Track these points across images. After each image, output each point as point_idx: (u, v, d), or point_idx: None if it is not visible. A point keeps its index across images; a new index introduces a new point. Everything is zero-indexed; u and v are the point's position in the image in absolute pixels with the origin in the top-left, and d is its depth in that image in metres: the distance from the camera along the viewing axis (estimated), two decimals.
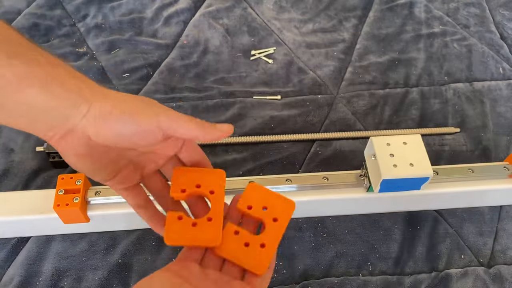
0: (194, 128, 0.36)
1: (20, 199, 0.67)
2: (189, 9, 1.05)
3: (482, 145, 0.85)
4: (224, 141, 0.82)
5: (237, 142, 0.82)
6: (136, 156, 0.40)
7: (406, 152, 0.63)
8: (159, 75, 0.93)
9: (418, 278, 0.69)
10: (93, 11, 1.03)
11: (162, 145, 0.40)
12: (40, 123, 0.33)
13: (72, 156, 0.36)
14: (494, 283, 0.68)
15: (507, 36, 1.05)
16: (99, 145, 0.36)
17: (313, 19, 1.06)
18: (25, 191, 0.72)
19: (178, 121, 0.36)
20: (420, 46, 1.01)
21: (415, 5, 1.09)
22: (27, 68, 0.31)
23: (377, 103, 0.91)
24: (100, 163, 0.38)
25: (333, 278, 0.68)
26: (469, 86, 0.94)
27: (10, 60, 0.31)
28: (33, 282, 0.67)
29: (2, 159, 0.79)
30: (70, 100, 0.33)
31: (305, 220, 0.74)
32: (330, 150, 0.83)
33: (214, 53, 0.98)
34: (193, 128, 0.36)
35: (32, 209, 0.66)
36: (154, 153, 0.41)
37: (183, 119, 0.36)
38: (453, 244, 0.73)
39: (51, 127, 0.34)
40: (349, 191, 0.69)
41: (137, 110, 0.35)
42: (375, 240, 0.73)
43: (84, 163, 0.37)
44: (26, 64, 0.31)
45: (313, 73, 0.95)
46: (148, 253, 0.70)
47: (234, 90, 0.91)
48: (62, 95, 0.32)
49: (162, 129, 0.36)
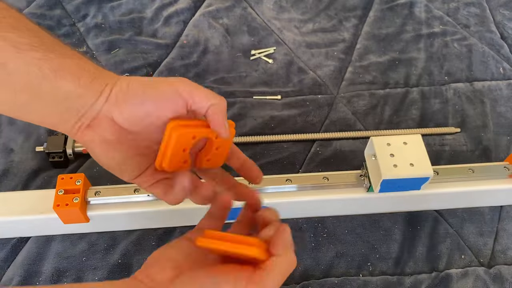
0: (210, 97, 0.37)
1: (20, 199, 0.67)
2: (189, 9, 1.05)
3: (482, 145, 0.85)
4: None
5: (236, 142, 0.82)
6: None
7: (406, 152, 0.63)
8: (159, 75, 0.93)
9: (418, 278, 0.68)
10: (93, 11, 1.03)
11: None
12: (71, 113, 0.35)
13: (100, 145, 0.37)
14: (495, 283, 0.68)
15: (508, 36, 1.04)
16: (125, 131, 0.36)
17: (313, 19, 1.06)
18: (25, 191, 0.72)
19: (195, 87, 0.37)
20: (420, 46, 1.01)
21: (415, 5, 1.09)
22: (61, 59, 0.34)
23: (377, 103, 0.91)
24: (127, 154, 0.37)
25: (333, 278, 0.68)
26: (469, 86, 0.94)
27: (48, 54, 0.33)
28: (33, 282, 0.67)
29: (2, 159, 0.79)
30: (95, 87, 0.35)
31: (305, 220, 0.74)
32: (330, 150, 0.83)
33: (214, 53, 0.98)
34: (209, 96, 0.37)
35: (32, 209, 0.66)
36: None
37: (199, 86, 0.37)
38: (453, 244, 0.73)
39: (80, 117, 0.35)
40: (349, 191, 0.69)
41: (153, 81, 0.36)
42: (375, 240, 0.73)
43: (112, 154, 0.37)
44: (60, 57, 0.34)
45: (313, 73, 0.95)
46: (148, 253, 0.69)
47: (234, 90, 0.91)
48: (89, 84, 0.35)
49: (180, 94, 0.36)
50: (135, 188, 0.67)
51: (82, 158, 0.80)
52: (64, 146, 0.77)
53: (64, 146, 0.77)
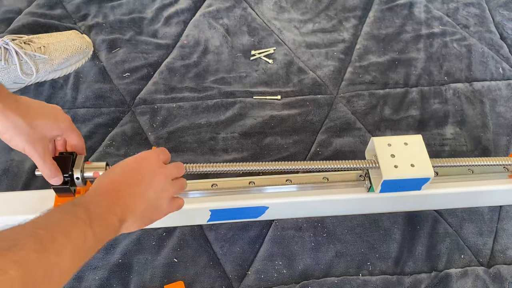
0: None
1: (20, 199, 0.67)
2: (189, 9, 1.05)
3: (482, 145, 0.85)
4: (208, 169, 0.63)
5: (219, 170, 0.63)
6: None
7: (407, 153, 0.63)
8: (159, 75, 0.93)
9: (418, 278, 0.69)
10: (94, 10, 1.03)
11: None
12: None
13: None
14: (494, 283, 0.68)
15: (507, 36, 1.05)
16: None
17: (313, 19, 1.06)
18: (25, 191, 0.72)
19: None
20: (420, 46, 1.01)
21: (415, 5, 1.09)
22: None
23: (377, 103, 0.91)
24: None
25: (333, 278, 0.68)
26: (468, 86, 0.94)
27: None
28: None
29: (2, 159, 0.79)
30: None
31: (305, 220, 0.74)
32: (330, 150, 0.83)
33: (214, 53, 0.98)
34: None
35: (32, 209, 0.66)
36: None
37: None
38: (453, 244, 0.73)
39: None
40: (349, 191, 0.69)
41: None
42: (375, 240, 0.73)
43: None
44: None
45: (313, 73, 0.95)
46: (148, 253, 0.70)
47: (234, 90, 0.91)
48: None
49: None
50: None
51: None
52: (71, 169, 0.59)
53: (70, 169, 0.58)
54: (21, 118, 0.51)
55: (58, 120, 0.56)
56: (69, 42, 0.88)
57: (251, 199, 0.68)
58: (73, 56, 0.88)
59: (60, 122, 0.56)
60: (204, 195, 0.68)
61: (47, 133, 0.54)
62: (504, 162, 0.67)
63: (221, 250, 0.71)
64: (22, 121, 0.51)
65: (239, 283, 0.68)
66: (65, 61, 0.88)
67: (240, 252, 0.71)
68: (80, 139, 0.60)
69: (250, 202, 0.68)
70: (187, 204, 0.67)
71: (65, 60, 0.87)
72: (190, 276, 0.68)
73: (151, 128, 0.85)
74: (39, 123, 0.53)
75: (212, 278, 0.68)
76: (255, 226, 0.73)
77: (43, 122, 0.53)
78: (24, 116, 0.51)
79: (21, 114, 0.51)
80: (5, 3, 1.03)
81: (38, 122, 0.53)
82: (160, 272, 0.68)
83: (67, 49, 0.87)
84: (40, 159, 0.53)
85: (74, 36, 0.90)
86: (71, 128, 0.58)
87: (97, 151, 0.81)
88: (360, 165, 0.63)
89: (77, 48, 0.89)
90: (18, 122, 0.51)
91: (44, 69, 0.85)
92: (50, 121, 0.54)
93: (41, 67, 0.84)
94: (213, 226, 0.73)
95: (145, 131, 0.84)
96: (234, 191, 0.68)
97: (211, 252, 0.71)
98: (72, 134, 0.58)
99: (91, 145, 0.82)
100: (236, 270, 0.69)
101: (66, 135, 0.58)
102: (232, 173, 0.67)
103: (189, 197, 0.68)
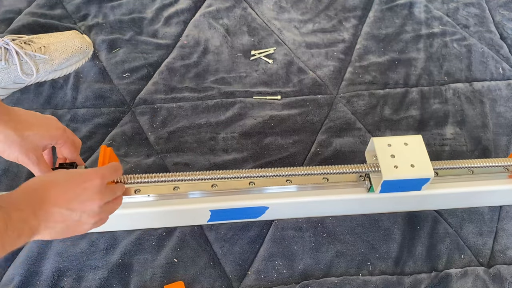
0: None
1: None
2: (189, 9, 1.05)
3: (482, 145, 0.85)
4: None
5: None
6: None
7: (407, 153, 0.63)
8: (159, 75, 0.93)
9: (418, 278, 0.69)
10: (94, 10, 1.03)
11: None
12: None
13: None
14: (494, 283, 0.68)
15: (507, 36, 1.05)
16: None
17: (313, 19, 1.06)
18: None
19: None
20: (420, 46, 1.01)
21: (415, 5, 1.09)
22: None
23: (377, 103, 0.91)
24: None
25: (333, 278, 0.68)
26: (468, 86, 0.95)
27: None
28: (33, 282, 0.67)
29: (2, 159, 0.79)
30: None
31: (305, 220, 0.74)
32: (330, 150, 0.83)
33: (214, 53, 0.98)
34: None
35: None
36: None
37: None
38: (452, 244, 0.73)
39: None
40: (349, 192, 0.69)
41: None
42: (375, 240, 0.73)
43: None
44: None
45: (313, 73, 0.95)
46: (148, 253, 0.70)
47: (234, 90, 0.91)
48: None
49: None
50: (135, 189, 0.67)
51: (82, 157, 0.80)
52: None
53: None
54: (12, 130, 0.52)
55: (50, 130, 0.56)
56: (69, 42, 0.88)
57: (251, 200, 0.68)
58: (73, 56, 0.89)
59: (51, 131, 0.56)
60: (204, 195, 0.68)
61: (38, 142, 0.55)
62: (504, 163, 0.67)
63: (221, 250, 0.71)
64: (13, 133, 0.52)
65: (239, 283, 0.69)
66: (65, 61, 0.88)
67: (240, 252, 0.71)
68: (74, 151, 0.60)
69: (250, 203, 0.68)
70: (187, 204, 0.67)
71: (65, 60, 0.88)
72: (190, 276, 0.69)
73: (151, 128, 0.85)
74: (30, 134, 0.54)
75: (212, 278, 0.69)
76: (255, 226, 0.73)
77: (34, 133, 0.54)
78: (15, 128, 0.52)
79: (12, 127, 0.52)
80: (5, 3, 1.03)
81: (29, 132, 0.54)
82: (160, 272, 0.68)
83: (67, 49, 0.87)
84: (35, 166, 0.55)
85: (74, 36, 0.90)
86: (63, 137, 0.58)
87: (97, 151, 0.81)
88: (361, 169, 0.63)
89: (77, 48, 0.89)
90: (9, 134, 0.52)
91: (44, 69, 0.85)
92: (42, 130, 0.55)
93: (41, 67, 0.84)
94: (213, 226, 0.73)
95: (145, 131, 0.84)
96: (234, 192, 0.68)
97: (211, 252, 0.71)
98: (65, 144, 0.59)
99: (91, 145, 0.82)
100: (236, 270, 0.70)
101: (59, 144, 0.58)
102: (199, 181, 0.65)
103: (189, 197, 0.68)
